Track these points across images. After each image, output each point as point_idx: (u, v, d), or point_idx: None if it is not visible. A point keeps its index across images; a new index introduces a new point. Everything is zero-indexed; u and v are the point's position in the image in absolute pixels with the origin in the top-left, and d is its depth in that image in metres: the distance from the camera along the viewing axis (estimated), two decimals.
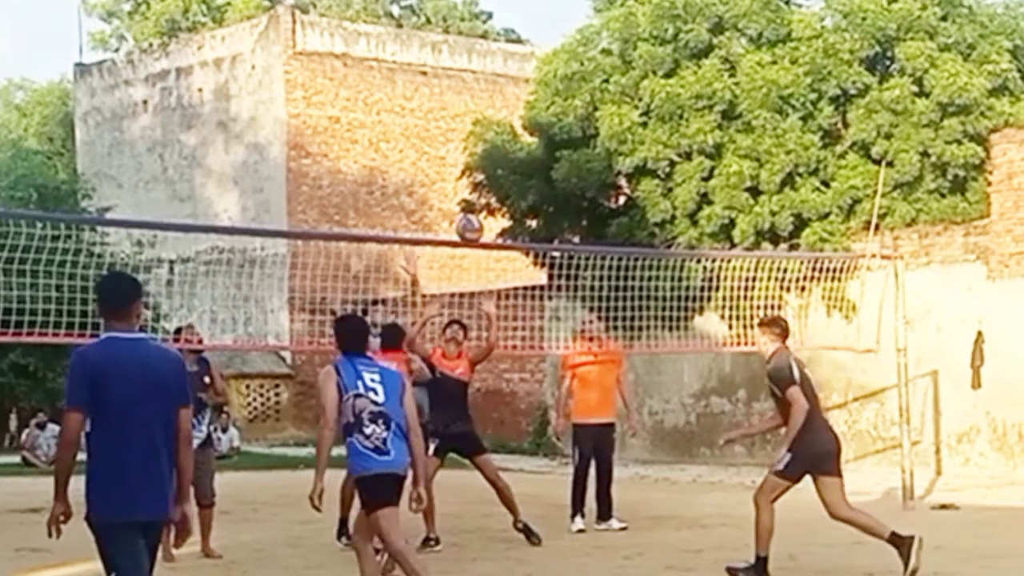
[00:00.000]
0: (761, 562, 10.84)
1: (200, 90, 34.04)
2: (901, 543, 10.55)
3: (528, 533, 12.95)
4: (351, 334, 9.04)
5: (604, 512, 14.30)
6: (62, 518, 6.49)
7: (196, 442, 11.79)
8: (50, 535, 6.52)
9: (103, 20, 47.84)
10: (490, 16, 49.25)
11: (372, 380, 8.72)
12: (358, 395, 8.65)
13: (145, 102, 35.48)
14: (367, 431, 8.60)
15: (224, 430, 24.00)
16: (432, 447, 13.04)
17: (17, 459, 24.03)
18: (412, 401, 8.99)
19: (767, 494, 10.96)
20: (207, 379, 12.54)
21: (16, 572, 10.61)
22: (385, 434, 8.61)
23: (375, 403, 8.64)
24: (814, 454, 10.79)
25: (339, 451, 8.68)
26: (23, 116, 49.77)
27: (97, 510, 6.47)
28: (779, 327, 11.43)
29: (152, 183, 35.01)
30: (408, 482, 8.83)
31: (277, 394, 30.65)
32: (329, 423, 8.69)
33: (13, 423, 29.25)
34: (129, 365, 6.52)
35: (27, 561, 11.41)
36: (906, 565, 10.39)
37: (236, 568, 11.69)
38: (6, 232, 12.48)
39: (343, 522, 12.54)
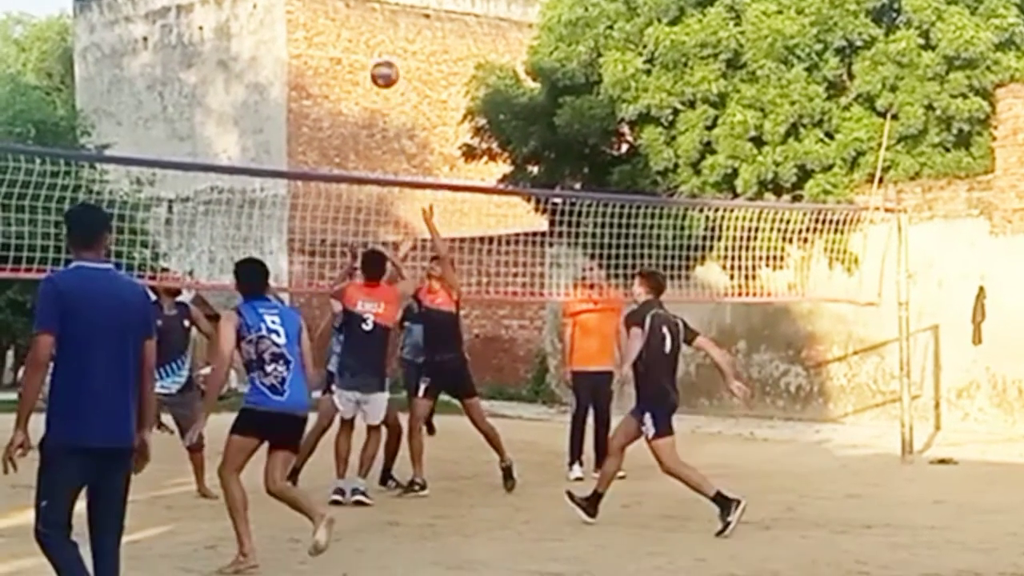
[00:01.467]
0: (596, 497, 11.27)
1: (201, 28, 33.81)
2: (726, 504, 10.76)
3: (507, 476, 12.94)
4: (251, 279, 9.36)
5: (602, 460, 14.27)
6: (19, 450, 6.52)
7: (176, 386, 11.77)
8: (4, 470, 6.53)
9: None
10: None
11: (273, 322, 9.03)
12: (261, 336, 8.95)
13: (145, 39, 35.23)
14: (268, 369, 8.91)
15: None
16: (423, 387, 13.02)
17: (14, 396, 23.96)
18: (308, 340, 9.26)
19: (668, 457, 11.14)
20: (186, 323, 12.47)
21: (12, 508, 10.57)
22: (285, 374, 8.92)
23: (276, 344, 8.95)
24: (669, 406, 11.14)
25: None
26: (22, 51, 49.51)
27: (54, 434, 6.55)
28: (654, 281, 11.61)
29: (151, 121, 34.83)
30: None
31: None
32: (223, 364, 9.17)
33: (10, 360, 29.22)
34: (96, 293, 6.65)
35: (23, 499, 11.38)
36: (725, 524, 10.64)
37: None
38: (4, 168, 12.42)
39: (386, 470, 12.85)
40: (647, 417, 11.00)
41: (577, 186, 23.43)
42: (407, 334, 15.84)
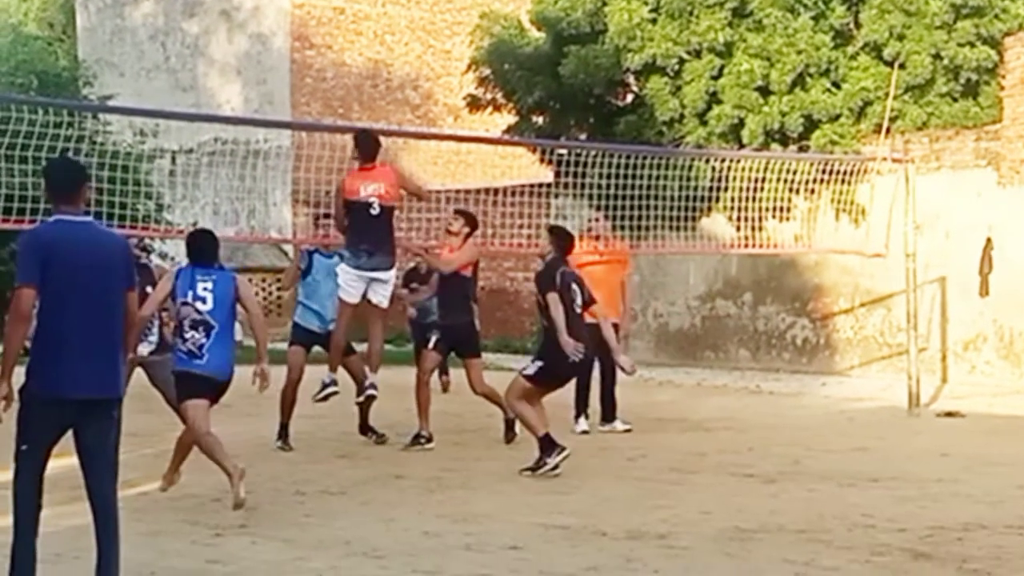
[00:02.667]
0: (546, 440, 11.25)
1: None
2: (550, 447, 11.11)
3: (509, 428, 12.96)
4: (199, 249, 9.59)
5: (608, 414, 14.27)
6: (3, 402, 6.62)
7: (149, 348, 11.68)
8: None
9: None
10: None
11: (204, 289, 9.34)
12: (184, 303, 9.33)
13: None
14: (186, 336, 9.32)
15: None
16: (433, 339, 13.02)
17: None
18: (252, 299, 9.71)
19: (516, 394, 11.45)
20: (149, 288, 12.40)
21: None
22: (203, 340, 9.29)
23: (198, 311, 9.28)
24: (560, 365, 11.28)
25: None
26: (23, 1, 49.24)
27: (33, 384, 6.62)
28: (558, 237, 11.80)
29: (154, 72, 34.69)
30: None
31: (279, 289, 30.51)
32: (144, 316, 9.67)
33: None
34: (76, 246, 6.69)
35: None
36: (538, 464, 11.08)
37: (238, 461, 11.60)
38: (7, 119, 12.38)
39: (284, 427, 12.68)
40: (536, 363, 11.36)
41: (582, 137, 23.31)
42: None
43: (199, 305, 9.26)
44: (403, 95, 33.12)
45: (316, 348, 12.91)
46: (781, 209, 18.86)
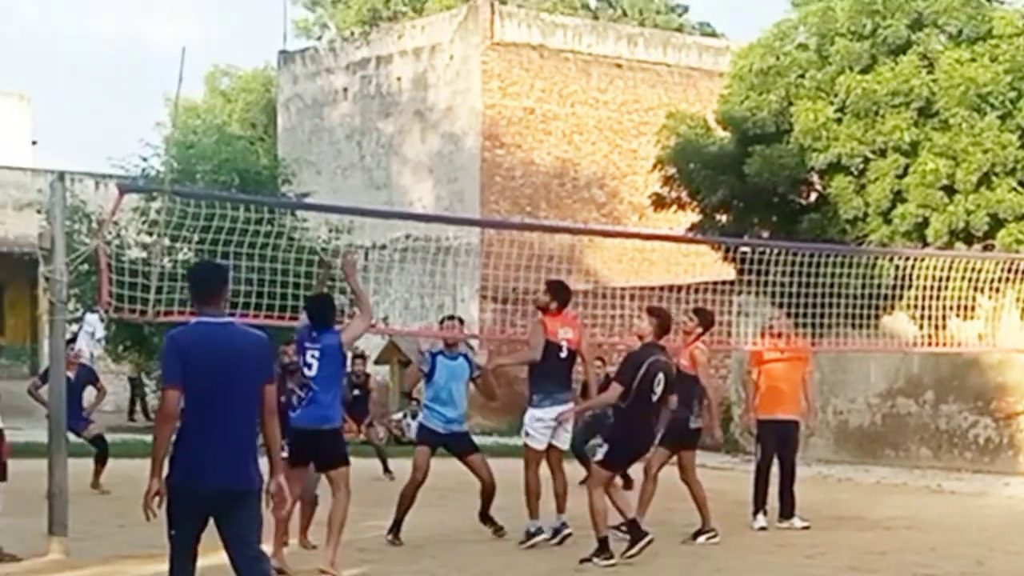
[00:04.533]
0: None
1: (399, 79, 34.56)
2: (605, 545, 11.32)
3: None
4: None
5: (786, 510, 14.28)
6: (157, 498, 7.04)
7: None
8: (147, 516, 7.05)
9: (307, 8, 48.95)
10: (686, 9, 49.09)
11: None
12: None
13: (345, 90, 36.13)
14: None
15: (413, 416, 24.46)
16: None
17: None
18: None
19: (597, 483, 11.62)
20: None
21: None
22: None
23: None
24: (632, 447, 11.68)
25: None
26: (228, 102, 50.94)
27: (175, 474, 7.06)
28: (659, 318, 11.83)
29: (349, 170, 35.66)
30: None
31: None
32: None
33: None
34: (214, 347, 7.11)
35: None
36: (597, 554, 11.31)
37: (423, 552, 11.97)
38: (210, 215, 12.68)
39: (397, 523, 12.68)
40: (605, 445, 11.59)
41: (765, 235, 23.44)
42: None
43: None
44: (589, 194, 33.54)
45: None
46: (965, 308, 18.74)
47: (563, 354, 12.53)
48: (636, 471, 13.46)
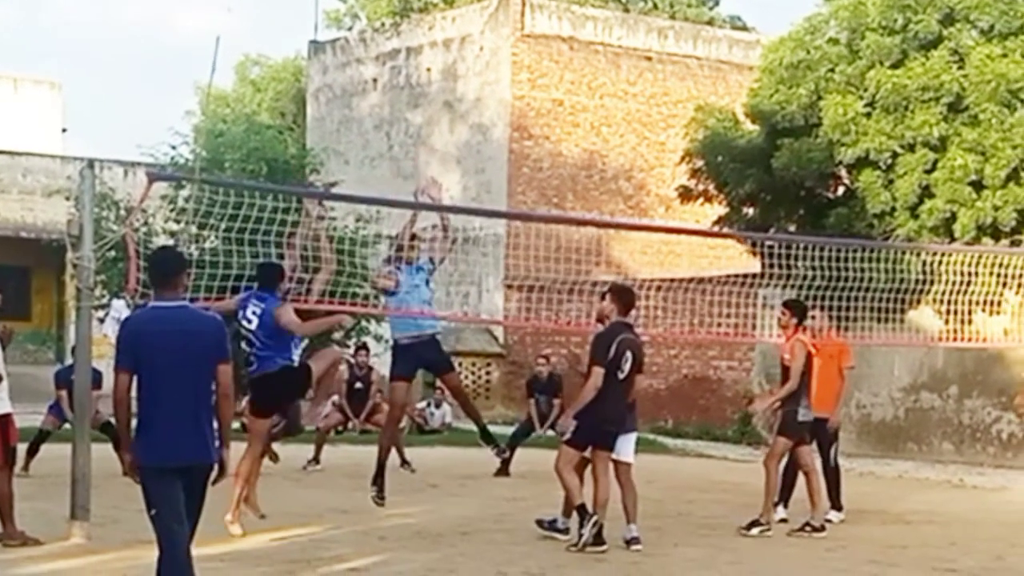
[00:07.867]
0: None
1: (428, 70, 34.63)
2: (585, 515, 11.30)
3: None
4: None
5: (834, 503, 14.12)
6: (133, 471, 7.41)
7: None
8: (136, 480, 7.40)
9: None
10: (717, 3, 48.91)
11: None
12: None
13: (375, 80, 36.22)
14: None
15: (437, 405, 24.53)
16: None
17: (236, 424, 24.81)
18: None
19: (565, 463, 11.53)
20: None
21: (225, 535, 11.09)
22: None
23: None
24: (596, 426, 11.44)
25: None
26: (257, 91, 51.06)
27: (139, 456, 7.33)
28: (619, 296, 11.79)
29: (377, 160, 35.76)
30: None
31: (488, 372, 31.14)
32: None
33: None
34: (166, 330, 7.33)
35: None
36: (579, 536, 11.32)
37: (443, 541, 12.02)
38: (239, 203, 12.67)
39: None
40: (572, 422, 11.42)
41: (792, 228, 23.43)
42: None
43: None
44: (616, 186, 33.54)
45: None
46: (991, 303, 18.68)
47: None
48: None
